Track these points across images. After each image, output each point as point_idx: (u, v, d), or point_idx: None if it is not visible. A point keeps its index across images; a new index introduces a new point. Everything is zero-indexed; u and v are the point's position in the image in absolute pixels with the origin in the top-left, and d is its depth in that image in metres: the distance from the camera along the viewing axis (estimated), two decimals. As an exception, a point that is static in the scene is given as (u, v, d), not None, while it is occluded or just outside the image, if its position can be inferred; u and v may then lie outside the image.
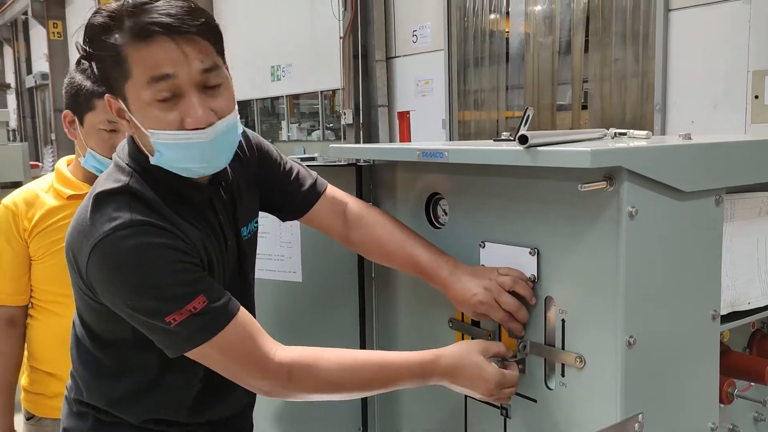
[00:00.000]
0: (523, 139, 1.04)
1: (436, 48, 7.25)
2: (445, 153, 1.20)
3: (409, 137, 7.60)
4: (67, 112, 1.69)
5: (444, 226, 1.36)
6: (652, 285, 1.07)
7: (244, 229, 1.25)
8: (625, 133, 1.40)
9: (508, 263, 1.20)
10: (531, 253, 1.16)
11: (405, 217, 1.42)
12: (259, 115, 11.26)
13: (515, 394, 1.20)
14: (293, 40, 9.53)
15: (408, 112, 7.68)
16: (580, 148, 1.00)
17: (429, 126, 7.37)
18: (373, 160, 1.49)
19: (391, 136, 7.88)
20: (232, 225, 1.21)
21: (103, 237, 1.02)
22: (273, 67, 10.23)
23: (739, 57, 4.57)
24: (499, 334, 1.25)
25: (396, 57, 7.81)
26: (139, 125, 1.05)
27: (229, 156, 1.13)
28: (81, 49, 1.06)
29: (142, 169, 1.10)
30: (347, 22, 7.81)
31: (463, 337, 1.31)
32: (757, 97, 4.48)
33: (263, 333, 1.12)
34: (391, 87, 7.92)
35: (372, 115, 7.94)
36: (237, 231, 1.22)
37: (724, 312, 1.20)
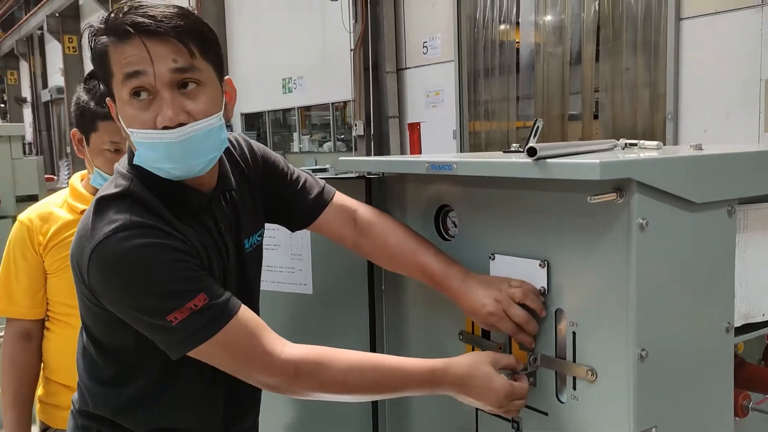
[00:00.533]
0: (531, 152, 1.04)
1: (446, 59, 7.28)
2: (454, 165, 1.20)
3: (420, 148, 7.62)
4: (75, 130, 1.72)
5: (454, 238, 1.35)
6: (663, 297, 1.06)
7: (246, 241, 1.25)
8: (635, 144, 1.39)
9: (518, 275, 1.19)
10: (541, 265, 1.16)
11: (415, 229, 1.42)
12: (270, 127, 11.33)
13: (526, 407, 1.19)
14: (305, 52, 9.60)
15: (418, 124, 7.70)
16: (589, 160, 0.99)
17: (440, 137, 7.38)
18: (383, 173, 1.49)
19: (402, 147, 7.90)
20: (234, 235, 1.22)
21: (104, 239, 1.04)
22: (284, 79, 10.31)
23: (751, 65, 4.55)
24: (510, 347, 1.24)
25: (406, 68, 7.85)
26: (123, 126, 1.09)
27: (205, 160, 1.11)
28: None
29: (141, 174, 1.11)
30: (358, 34, 7.87)
31: (473, 349, 1.31)
32: (770, 105, 4.46)
33: (268, 329, 1.11)
34: (401, 98, 7.95)
35: (383, 126, 7.97)
36: (239, 242, 1.23)
37: (737, 324, 1.19)
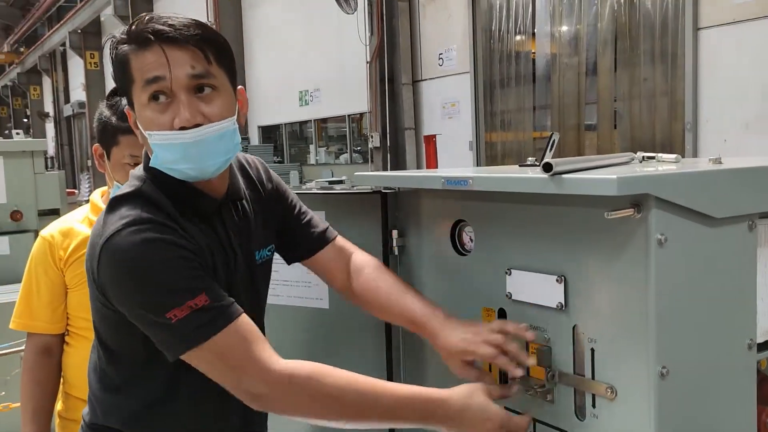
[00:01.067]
0: (547, 167, 1.04)
1: (462, 70, 7.29)
2: (470, 181, 1.20)
3: (436, 160, 7.61)
4: (96, 145, 1.75)
5: (470, 253, 1.35)
6: (684, 314, 1.05)
7: (257, 252, 1.27)
8: (653, 157, 1.38)
9: (534, 291, 1.18)
10: (558, 280, 1.15)
11: (431, 244, 1.42)
12: (287, 139, 11.41)
13: (545, 425, 1.18)
14: (321, 65, 9.68)
15: (434, 136, 7.70)
16: (606, 175, 0.99)
17: (456, 148, 7.37)
18: (398, 187, 1.50)
19: (418, 159, 7.91)
20: (244, 244, 1.24)
21: (114, 233, 1.07)
22: (301, 92, 10.40)
23: (771, 74, 4.49)
24: (527, 368, 1.23)
25: (422, 80, 7.88)
26: (142, 129, 1.13)
27: (219, 161, 1.14)
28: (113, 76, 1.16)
29: (155, 177, 1.15)
30: (374, 47, 7.92)
31: (490, 365, 1.30)
32: (791, 115, 4.40)
33: (266, 342, 1.11)
34: (417, 110, 7.97)
35: (399, 137, 7.99)
36: (249, 252, 1.25)
37: (760, 340, 1.17)
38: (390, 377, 1.53)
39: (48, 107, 22.40)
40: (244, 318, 1.10)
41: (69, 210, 1.90)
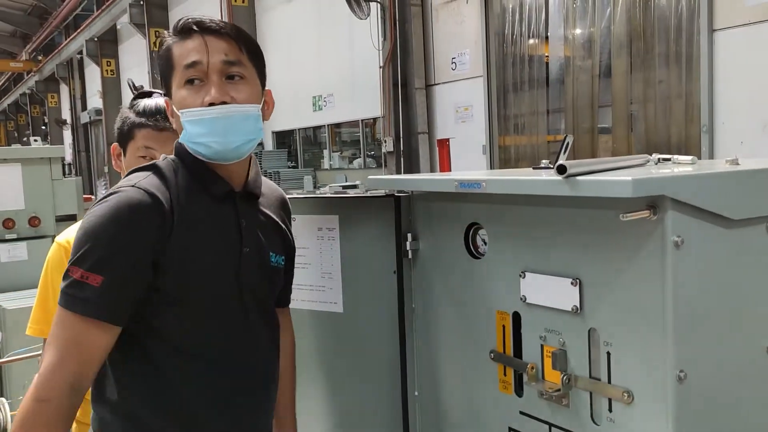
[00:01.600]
0: (561, 169, 1.03)
1: (475, 74, 7.27)
2: (483, 183, 1.19)
3: (449, 164, 7.60)
4: (115, 144, 1.76)
5: (484, 255, 1.34)
6: (701, 317, 1.04)
7: (272, 254, 1.31)
8: (669, 159, 1.36)
9: (549, 294, 1.18)
10: (573, 283, 1.14)
11: (444, 248, 1.42)
12: (301, 144, 11.46)
13: (561, 429, 1.16)
14: (334, 70, 9.71)
15: (447, 140, 7.69)
16: (620, 177, 0.98)
17: (469, 152, 7.35)
18: (412, 191, 1.49)
19: (432, 163, 7.90)
20: (258, 238, 1.27)
21: (111, 193, 1.15)
22: (314, 97, 10.44)
23: (788, 75, 4.44)
24: (543, 367, 1.22)
25: (435, 84, 7.87)
26: (175, 110, 1.23)
27: (242, 139, 1.22)
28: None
29: (178, 158, 1.24)
30: (387, 51, 7.93)
31: (504, 369, 1.29)
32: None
33: (73, 360, 1.09)
34: (431, 114, 7.97)
35: (412, 142, 7.98)
36: (262, 246, 1.28)
37: (780, 344, 1.15)
38: (404, 380, 1.52)
39: (65, 114, 22.68)
40: (97, 330, 1.10)
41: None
